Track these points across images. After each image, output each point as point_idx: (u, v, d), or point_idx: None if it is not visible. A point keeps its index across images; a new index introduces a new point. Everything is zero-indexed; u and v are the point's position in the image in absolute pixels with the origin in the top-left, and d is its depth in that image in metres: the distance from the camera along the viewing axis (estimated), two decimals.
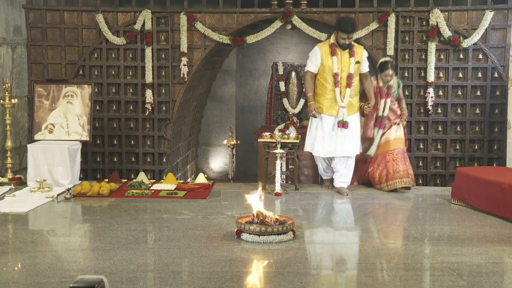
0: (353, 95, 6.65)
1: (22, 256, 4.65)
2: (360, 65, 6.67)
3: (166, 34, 8.20)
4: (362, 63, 6.70)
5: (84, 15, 8.22)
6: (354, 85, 6.62)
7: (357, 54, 6.64)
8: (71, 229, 5.76)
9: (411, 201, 6.70)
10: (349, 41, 6.57)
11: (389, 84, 6.91)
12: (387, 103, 6.93)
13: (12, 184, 7.17)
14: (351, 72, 6.58)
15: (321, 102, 6.66)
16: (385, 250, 4.82)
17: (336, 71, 6.55)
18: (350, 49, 6.61)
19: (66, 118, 7.64)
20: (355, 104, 6.71)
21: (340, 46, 6.59)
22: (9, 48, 7.84)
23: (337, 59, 6.56)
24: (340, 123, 6.59)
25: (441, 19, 7.77)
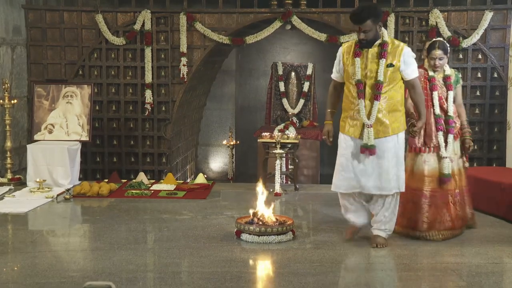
0: (386, 111, 4.66)
1: (21, 257, 4.65)
2: (396, 70, 4.65)
3: (165, 34, 8.20)
4: (401, 66, 4.65)
5: (83, 15, 8.22)
6: (387, 97, 4.65)
7: (391, 55, 4.65)
8: (70, 229, 5.76)
9: None
10: (364, 35, 4.64)
11: (445, 73, 5.15)
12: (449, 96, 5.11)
13: (12, 184, 7.17)
14: (379, 79, 4.62)
15: (344, 120, 4.87)
16: (385, 251, 4.81)
17: (358, 78, 4.67)
18: (381, 47, 4.66)
19: (66, 118, 7.64)
20: (389, 123, 4.68)
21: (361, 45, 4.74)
22: (9, 48, 7.84)
23: (360, 62, 4.68)
24: (364, 148, 4.69)
25: (440, 19, 7.77)
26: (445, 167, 5.03)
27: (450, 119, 5.09)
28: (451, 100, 5.09)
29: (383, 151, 4.68)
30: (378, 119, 4.66)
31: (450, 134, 5.07)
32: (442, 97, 5.11)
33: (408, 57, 4.68)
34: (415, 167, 5.11)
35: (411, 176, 5.08)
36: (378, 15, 4.68)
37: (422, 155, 5.08)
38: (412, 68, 4.70)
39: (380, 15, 4.70)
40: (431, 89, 5.08)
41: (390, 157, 4.70)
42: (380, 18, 4.70)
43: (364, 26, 4.61)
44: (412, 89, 4.78)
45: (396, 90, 4.69)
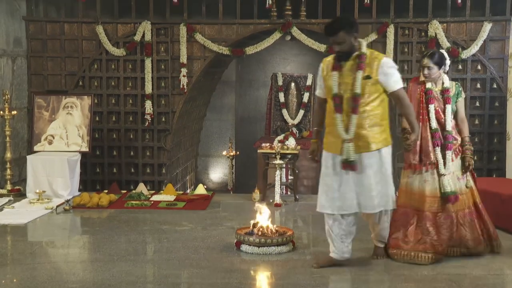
0: (366, 125, 4.42)
1: (21, 268, 4.63)
2: (374, 82, 4.40)
3: (165, 45, 8.22)
4: (380, 78, 4.40)
5: (84, 26, 8.25)
6: (366, 110, 4.41)
7: (369, 67, 4.42)
8: (70, 240, 5.74)
9: None
10: (339, 47, 4.43)
11: (444, 86, 4.83)
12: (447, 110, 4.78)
13: (11, 195, 7.16)
14: (356, 92, 4.38)
15: (326, 136, 4.64)
16: (385, 261, 4.79)
17: (335, 92, 4.46)
18: (359, 59, 4.44)
19: (66, 129, 7.65)
20: (370, 138, 4.43)
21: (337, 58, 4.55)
22: (9, 59, 7.86)
23: (338, 76, 4.46)
24: (344, 163, 4.44)
25: (439, 30, 7.80)
26: (445, 184, 4.72)
27: (448, 134, 4.74)
28: (449, 114, 4.75)
29: (364, 167, 4.42)
30: (358, 134, 4.40)
31: (448, 151, 4.72)
32: (440, 110, 4.80)
33: (387, 68, 4.42)
34: (413, 185, 4.79)
35: (410, 195, 4.80)
36: (352, 26, 4.44)
37: (421, 174, 4.77)
38: (394, 79, 4.43)
39: (353, 26, 4.45)
40: (427, 102, 4.78)
41: (372, 174, 4.44)
42: (355, 29, 4.44)
43: (337, 38, 4.41)
44: (398, 102, 4.51)
45: (376, 103, 4.43)
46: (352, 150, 4.41)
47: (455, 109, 4.81)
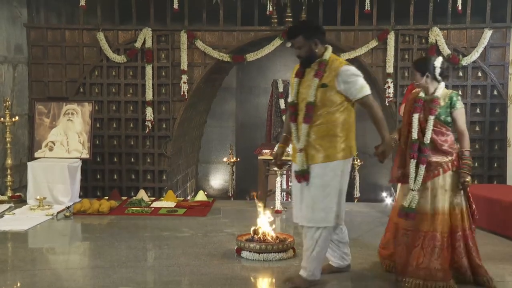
0: (319, 135, 4.18)
1: (21, 275, 4.62)
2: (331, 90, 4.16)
3: (166, 52, 8.24)
4: (339, 86, 4.14)
5: (85, 33, 8.27)
6: (321, 119, 4.17)
7: (328, 74, 4.18)
8: (70, 247, 5.74)
9: None
10: (298, 52, 4.28)
11: (433, 95, 4.40)
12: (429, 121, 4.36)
13: (12, 202, 7.16)
14: (309, 100, 4.16)
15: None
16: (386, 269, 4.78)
17: (292, 99, 4.31)
18: (318, 66, 4.22)
19: (67, 135, 7.65)
20: (321, 149, 4.18)
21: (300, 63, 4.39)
22: (10, 66, 7.88)
23: (298, 82, 4.28)
24: (296, 173, 4.26)
25: (440, 37, 7.81)
26: (407, 199, 4.30)
27: (424, 147, 4.32)
28: (430, 126, 4.32)
29: (312, 177, 4.19)
30: (310, 144, 4.19)
31: (421, 165, 4.29)
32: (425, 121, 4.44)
33: (347, 76, 4.14)
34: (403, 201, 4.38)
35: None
36: (311, 31, 4.25)
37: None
38: (357, 87, 4.15)
39: (313, 31, 4.26)
40: (412, 111, 4.47)
41: (318, 186, 4.17)
42: (315, 34, 4.23)
43: (295, 42, 4.26)
44: (366, 110, 4.26)
45: (332, 113, 4.16)
46: (303, 160, 4.19)
47: (449, 121, 4.37)
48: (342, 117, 4.21)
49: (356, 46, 8.01)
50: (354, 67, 4.25)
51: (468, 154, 4.39)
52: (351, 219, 6.63)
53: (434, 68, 4.36)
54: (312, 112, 4.16)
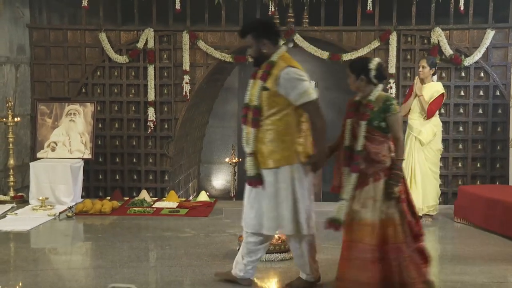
0: (266, 140, 4.05)
1: (23, 275, 4.63)
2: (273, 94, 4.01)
3: (168, 53, 8.24)
4: (280, 90, 3.99)
5: (87, 33, 8.28)
6: (266, 123, 4.04)
7: (271, 77, 4.02)
8: (73, 247, 5.74)
9: None
10: (251, 52, 4.18)
11: (367, 98, 4.11)
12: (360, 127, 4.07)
13: (14, 202, 7.17)
14: (254, 104, 4.05)
15: None
16: None
17: (245, 101, 4.17)
18: (265, 67, 4.07)
19: (69, 136, 7.66)
20: (268, 154, 4.06)
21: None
22: (13, 66, 7.89)
23: (251, 83, 4.16)
24: (249, 179, 4.19)
25: (442, 37, 7.80)
26: (335, 209, 4.12)
27: (356, 155, 4.05)
28: (361, 132, 4.04)
29: (265, 183, 4.10)
30: (258, 149, 4.07)
31: (352, 173, 4.05)
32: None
33: (286, 80, 3.96)
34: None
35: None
36: (259, 30, 4.10)
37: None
38: (298, 92, 3.96)
39: (261, 30, 4.10)
40: (346, 116, 4.23)
41: (268, 193, 4.07)
42: (264, 34, 4.08)
43: (246, 41, 4.17)
44: (308, 114, 4.05)
45: (278, 117, 4.01)
46: (252, 164, 4.11)
47: (383, 127, 4.06)
48: (287, 122, 4.03)
49: (358, 46, 8.01)
50: (296, 70, 4.01)
51: (400, 163, 4.05)
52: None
53: (368, 70, 4.05)
54: (258, 116, 4.04)
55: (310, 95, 3.99)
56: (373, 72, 4.05)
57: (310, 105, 4.00)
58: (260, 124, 4.04)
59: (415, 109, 6.52)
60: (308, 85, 4.00)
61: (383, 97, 4.09)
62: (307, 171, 4.10)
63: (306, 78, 4.01)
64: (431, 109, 6.39)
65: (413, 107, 6.55)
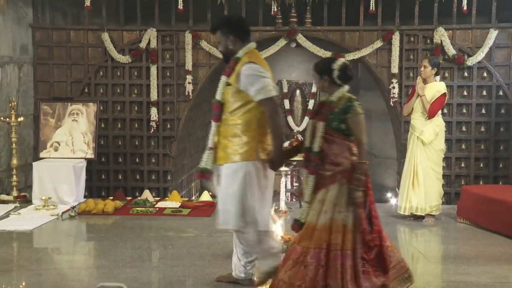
0: (227, 135, 4.10)
1: (26, 275, 4.63)
2: (234, 90, 4.07)
3: (171, 53, 8.24)
4: (240, 85, 4.05)
5: (90, 33, 8.28)
6: (228, 119, 4.12)
7: (234, 72, 4.09)
8: (75, 247, 5.75)
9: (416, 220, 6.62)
10: (220, 47, 4.26)
11: (329, 99, 4.05)
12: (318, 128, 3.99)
13: (17, 202, 7.18)
14: (217, 99, 4.16)
15: None
16: None
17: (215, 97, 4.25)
18: (231, 64, 4.15)
19: (72, 136, 7.67)
20: (226, 149, 4.10)
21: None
22: (16, 66, 7.90)
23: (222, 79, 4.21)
24: (197, 171, 4.24)
25: (445, 37, 7.79)
26: (300, 212, 4.05)
27: (313, 156, 3.95)
28: (319, 133, 3.95)
29: (221, 179, 4.15)
30: (220, 143, 4.12)
31: (310, 175, 3.98)
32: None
33: (245, 76, 4.00)
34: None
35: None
36: (227, 26, 4.16)
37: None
38: (256, 88, 3.97)
39: (229, 27, 4.15)
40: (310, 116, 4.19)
41: (223, 188, 4.13)
42: (231, 31, 4.14)
43: (216, 36, 4.23)
44: (265, 112, 4.01)
45: (239, 113, 4.06)
46: (209, 159, 4.14)
47: (343, 129, 3.94)
48: (248, 118, 4.06)
49: (360, 46, 8.00)
50: (257, 66, 4.03)
51: (363, 167, 3.88)
52: None
53: (332, 71, 3.98)
54: (219, 111, 4.13)
55: (268, 92, 3.99)
56: (336, 72, 3.98)
57: (267, 102, 3.99)
58: (222, 119, 4.11)
59: (417, 109, 6.52)
60: (267, 82, 4.00)
61: (345, 98, 3.99)
62: (266, 169, 4.09)
63: (266, 75, 4.01)
64: (432, 109, 6.39)
65: (415, 107, 6.55)
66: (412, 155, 6.51)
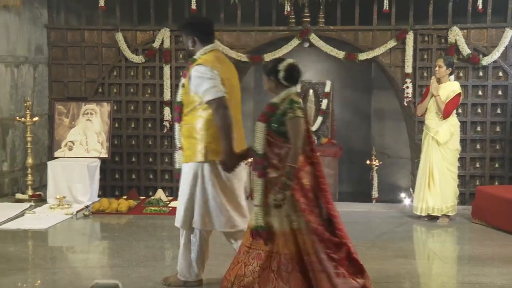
0: (184, 135, 4.20)
1: (41, 273, 4.67)
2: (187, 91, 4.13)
3: (184, 52, 8.24)
4: (191, 87, 4.08)
5: (104, 33, 8.32)
6: (185, 120, 4.18)
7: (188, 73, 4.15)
8: (89, 246, 5.78)
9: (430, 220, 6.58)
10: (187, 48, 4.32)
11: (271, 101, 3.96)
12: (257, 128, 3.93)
13: (32, 201, 7.23)
14: (177, 100, 4.24)
15: None
16: (406, 269, 4.75)
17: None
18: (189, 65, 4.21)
19: (86, 135, 7.72)
20: (186, 148, 4.18)
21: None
22: (31, 66, 7.96)
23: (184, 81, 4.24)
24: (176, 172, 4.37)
25: (460, 36, 7.73)
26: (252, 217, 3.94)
27: (258, 158, 3.88)
28: (258, 134, 3.89)
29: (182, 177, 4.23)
30: (183, 144, 4.20)
31: (259, 178, 3.88)
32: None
33: (194, 77, 4.04)
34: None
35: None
36: (188, 28, 4.23)
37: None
38: (203, 90, 4.00)
39: (189, 28, 4.23)
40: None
41: (183, 187, 4.21)
42: (191, 32, 4.20)
43: (182, 35, 4.33)
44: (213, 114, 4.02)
45: (192, 114, 4.10)
46: (179, 159, 4.25)
47: (283, 131, 3.82)
48: (202, 118, 4.08)
49: (374, 46, 7.97)
50: (204, 68, 4.04)
51: (289, 170, 3.73)
52: (369, 220, 6.62)
53: (277, 72, 3.89)
54: (180, 111, 4.20)
55: (213, 93, 3.99)
56: (281, 73, 3.89)
57: (213, 103, 3.99)
58: (182, 119, 4.18)
59: (431, 109, 6.48)
60: (213, 83, 3.99)
61: (288, 100, 3.86)
62: (210, 171, 4.10)
63: (213, 76, 4.00)
64: (447, 109, 6.35)
65: (429, 107, 6.51)
66: (428, 155, 6.47)
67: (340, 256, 3.74)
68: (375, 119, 10.42)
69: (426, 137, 6.53)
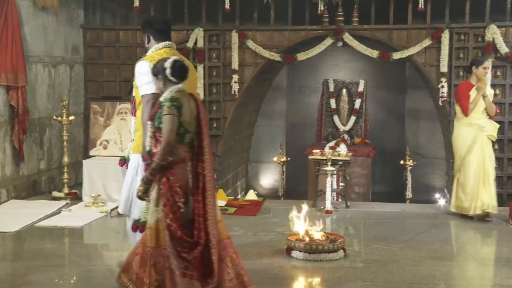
0: (136, 127, 4.31)
1: (77, 270, 4.75)
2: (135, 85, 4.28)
3: (217, 52, 8.29)
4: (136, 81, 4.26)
5: (138, 33, 8.40)
6: (137, 114, 4.29)
7: None
8: (123, 244, 5.82)
9: (466, 221, 6.48)
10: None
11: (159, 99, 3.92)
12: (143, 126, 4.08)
13: (68, 198, 7.35)
14: (132, 94, 4.40)
15: None
16: (440, 271, 4.68)
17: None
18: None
19: (120, 134, 7.81)
20: (134, 140, 4.30)
21: None
22: (67, 66, 8.11)
23: None
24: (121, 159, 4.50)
25: (497, 35, 7.58)
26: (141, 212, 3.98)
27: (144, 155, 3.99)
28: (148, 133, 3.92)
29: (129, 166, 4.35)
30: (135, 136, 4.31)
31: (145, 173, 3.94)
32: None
33: (136, 72, 4.21)
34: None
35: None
36: (144, 26, 4.43)
37: None
38: (140, 84, 4.13)
39: (145, 26, 4.41)
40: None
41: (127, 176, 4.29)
42: (146, 29, 4.39)
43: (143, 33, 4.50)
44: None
45: (139, 108, 4.21)
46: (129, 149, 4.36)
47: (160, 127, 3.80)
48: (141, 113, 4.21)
49: (408, 45, 7.87)
50: (144, 64, 4.17)
51: (154, 165, 3.72)
52: (403, 221, 6.54)
53: (164, 69, 3.85)
54: (134, 106, 4.32)
55: (144, 90, 4.11)
56: (168, 70, 3.86)
57: (144, 98, 4.11)
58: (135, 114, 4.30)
59: (479, 109, 6.36)
60: (145, 80, 4.08)
61: (169, 97, 3.82)
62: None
63: (147, 73, 4.05)
64: (496, 108, 6.50)
65: (477, 107, 6.38)
66: (481, 154, 6.38)
67: (190, 257, 3.69)
68: (409, 119, 10.31)
69: (479, 137, 6.38)
